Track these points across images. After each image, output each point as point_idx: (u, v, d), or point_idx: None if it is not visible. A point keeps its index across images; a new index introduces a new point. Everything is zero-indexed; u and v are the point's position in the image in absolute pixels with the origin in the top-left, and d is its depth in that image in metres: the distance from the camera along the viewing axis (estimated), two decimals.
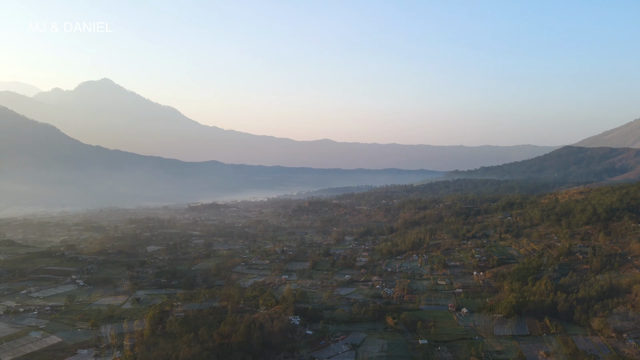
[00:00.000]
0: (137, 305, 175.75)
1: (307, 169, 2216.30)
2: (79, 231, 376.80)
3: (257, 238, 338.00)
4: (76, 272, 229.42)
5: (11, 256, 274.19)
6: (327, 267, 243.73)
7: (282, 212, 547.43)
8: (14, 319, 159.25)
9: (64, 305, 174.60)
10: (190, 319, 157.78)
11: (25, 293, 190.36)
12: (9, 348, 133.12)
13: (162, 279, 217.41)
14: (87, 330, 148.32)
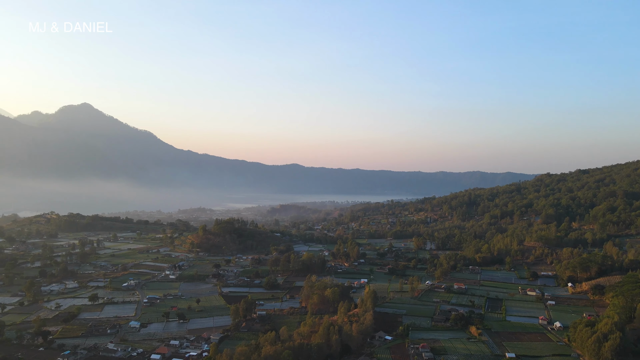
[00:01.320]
0: (222, 302, 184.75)
1: (386, 172, 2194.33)
2: (171, 230, 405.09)
3: (336, 240, 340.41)
4: (169, 268, 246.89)
5: (116, 252, 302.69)
6: (408, 272, 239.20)
7: (361, 216, 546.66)
8: (115, 309, 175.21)
9: (159, 298, 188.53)
10: (272, 317, 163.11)
11: (126, 285, 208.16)
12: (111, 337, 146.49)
13: (246, 278, 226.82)
14: (178, 323, 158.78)
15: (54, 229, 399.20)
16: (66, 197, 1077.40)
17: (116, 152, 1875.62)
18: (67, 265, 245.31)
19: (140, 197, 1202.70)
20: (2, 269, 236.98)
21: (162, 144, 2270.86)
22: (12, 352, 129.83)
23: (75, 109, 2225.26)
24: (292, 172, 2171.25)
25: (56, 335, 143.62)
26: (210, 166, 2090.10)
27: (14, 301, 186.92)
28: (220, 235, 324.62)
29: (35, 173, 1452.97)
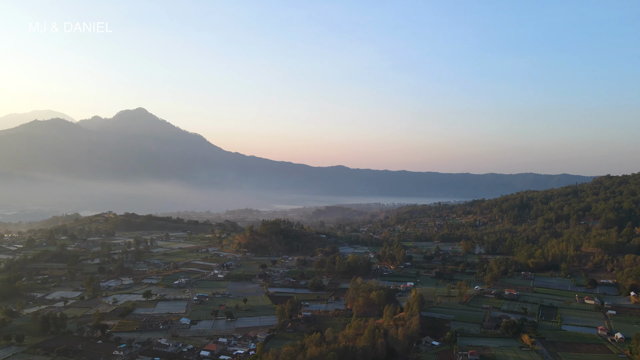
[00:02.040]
0: (269, 302, 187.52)
1: (433, 174, 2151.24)
2: (220, 231, 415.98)
3: (382, 243, 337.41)
4: (218, 267, 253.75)
5: (168, 250, 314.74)
6: (456, 276, 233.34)
7: (407, 218, 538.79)
8: (167, 305, 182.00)
9: (208, 296, 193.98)
10: (317, 318, 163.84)
11: (177, 283, 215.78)
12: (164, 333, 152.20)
13: (292, 279, 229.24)
14: (226, 321, 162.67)
15: (111, 227, 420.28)
16: (123, 198, 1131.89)
17: (168, 154, 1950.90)
18: (123, 263, 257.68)
19: (190, 198, 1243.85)
20: (65, 265, 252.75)
21: (211, 147, 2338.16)
22: (73, 343, 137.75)
23: (131, 114, 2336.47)
24: (338, 174, 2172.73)
25: (113, 329, 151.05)
26: (257, 168, 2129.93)
27: (75, 295, 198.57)
28: (267, 236, 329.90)
29: (95, 175, 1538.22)
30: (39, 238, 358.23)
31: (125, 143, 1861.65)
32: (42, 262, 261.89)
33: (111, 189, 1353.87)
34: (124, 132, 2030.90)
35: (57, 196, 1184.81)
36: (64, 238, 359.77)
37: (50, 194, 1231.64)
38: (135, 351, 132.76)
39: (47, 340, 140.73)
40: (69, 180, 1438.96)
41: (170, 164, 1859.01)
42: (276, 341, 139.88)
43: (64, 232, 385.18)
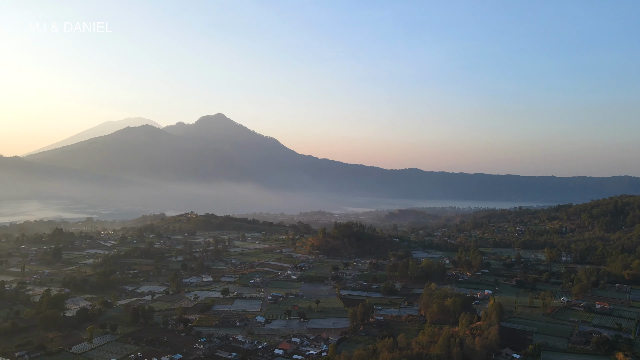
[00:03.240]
0: (340, 304, 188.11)
1: (513, 177, 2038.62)
2: (293, 232, 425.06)
3: (457, 248, 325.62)
4: (291, 268, 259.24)
5: (244, 250, 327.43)
6: (539, 286, 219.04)
7: (484, 223, 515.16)
8: (243, 303, 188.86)
9: (281, 296, 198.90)
10: (389, 323, 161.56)
11: (253, 282, 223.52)
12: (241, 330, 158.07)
13: (364, 282, 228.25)
14: (299, 321, 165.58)
15: (193, 227, 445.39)
16: (203, 199, 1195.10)
17: (245, 157, 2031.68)
18: (203, 261, 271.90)
19: (265, 200, 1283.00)
20: (152, 261, 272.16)
21: (285, 150, 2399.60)
22: (159, 335, 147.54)
23: (211, 119, 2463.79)
24: (411, 177, 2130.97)
25: (194, 323, 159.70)
26: (329, 171, 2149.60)
27: (161, 290, 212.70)
28: (339, 238, 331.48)
29: (179, 177, 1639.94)
30: (130, 236, 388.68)
31: (205, 147, 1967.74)
32: (133, 258, 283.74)
33: (193, 190, 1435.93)
34: (204, 136, 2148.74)
35: (146, 197, 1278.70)
36: (151, 236, 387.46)
37: (140, 195, 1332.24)
38: (214, 345, 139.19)
39: (136, 331, 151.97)
40: (156, 182, 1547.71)
41: (246, 166, 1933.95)
42: (348, 344, 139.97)
43: (152, 231, 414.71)
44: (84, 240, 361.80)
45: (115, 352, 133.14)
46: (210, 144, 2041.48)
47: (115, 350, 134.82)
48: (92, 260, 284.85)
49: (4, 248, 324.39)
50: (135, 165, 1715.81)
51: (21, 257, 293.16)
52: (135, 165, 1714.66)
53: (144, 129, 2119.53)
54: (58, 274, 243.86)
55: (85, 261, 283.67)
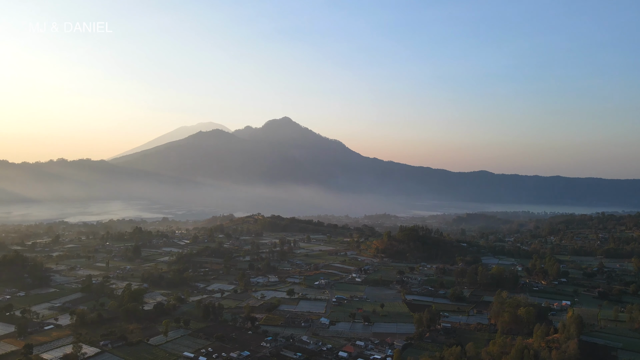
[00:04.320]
0: (406, 309, 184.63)
1: (595, 179, 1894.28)
2: (357, 235, 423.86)
3: (531, 255, 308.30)
4: (355, 271, 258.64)
5: (309, 252, 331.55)
6: (625, 299, 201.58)
7: (562, 229, 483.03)
8: (308, 304, 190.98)
9: (346, 298, 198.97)
10: (457, 331, 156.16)
11: (318, 284, 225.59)
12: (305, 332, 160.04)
13: (430, 287, 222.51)
14: (363, 324, 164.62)
15: (259, 228, 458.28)
16: (270, 201, 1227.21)
17: (310, 160, 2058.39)
18: (269, 261, 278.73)
19: (329, 202, 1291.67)
20: (222, 260, 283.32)
21: (350, 152, 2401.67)
22: (228, 331, 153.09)
23: (277, 123, 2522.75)
24: (480, 180, 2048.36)
25: (261, 321, 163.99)
26: (395, 173, 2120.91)
27: (230, 288, 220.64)
28: (404, 242, 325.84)
29: (247, 180, 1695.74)
30: (202, 235, 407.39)
31: (272, 150, 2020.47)
32: (204, 257, 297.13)
33: (260, 192, 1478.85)
34: (271, 140, 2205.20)
35: (216, 198, 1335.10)
36: (221, 236, 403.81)
37: (211, 196, 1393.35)
38: (280, 345, 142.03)
39: (207, 326, 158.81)
40: (226, 185, 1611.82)
41: (311, 169, 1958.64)
42: (413, 350, 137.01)
43: (221, 231, 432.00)
44: (161, 239, 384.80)
45: (188, 346, 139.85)
46: (276, 147, 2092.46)
47: (188, 344, 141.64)
48: (167, 257, 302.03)
49: (91, 244, 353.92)
50: (207, 168, 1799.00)
51: (106, 253, 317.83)
52: (206, 168, 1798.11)
53: (214, 133, 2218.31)
54: (138, 269, 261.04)
55: (161, 258, 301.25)
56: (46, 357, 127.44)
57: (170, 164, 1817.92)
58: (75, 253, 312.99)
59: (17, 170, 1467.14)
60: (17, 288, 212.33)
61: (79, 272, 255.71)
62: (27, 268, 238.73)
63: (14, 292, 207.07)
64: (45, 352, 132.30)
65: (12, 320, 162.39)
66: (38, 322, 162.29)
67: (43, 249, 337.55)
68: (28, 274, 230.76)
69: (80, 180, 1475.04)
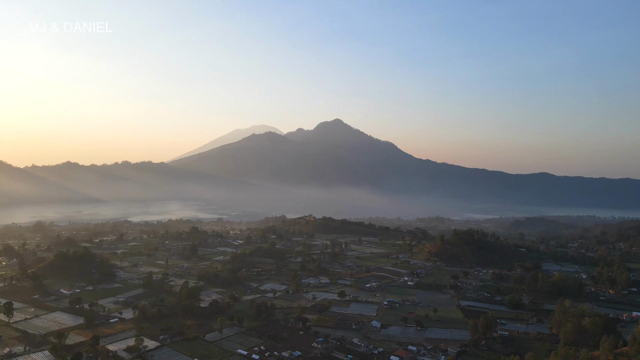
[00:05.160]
0: (460, 315, 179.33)
1: None
2: (410, 238, 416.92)
3: (597, 262, 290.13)
4: (407, 275, 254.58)
5: (360, 254, 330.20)
6: None
7: (633, 235, 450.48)
8: (359, 307, 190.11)
9: (397, 302, 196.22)
10: (515, 339, 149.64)
11: (369, 287, 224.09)
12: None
13: (485, 293, 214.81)
14: (416, 329, 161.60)
15: (311, 229, 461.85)
16: (321, 202, 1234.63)
17: (361, 162, 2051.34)
18: (321, 263, 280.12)
19: (381, 204, 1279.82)
20: (274, 260, 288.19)
21: (402, 154, 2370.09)
22: (280, 331, 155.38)
23: (329, 125, 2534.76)
24: (541, 182, 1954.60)
25: (312, 322, 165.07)
26: (448, 175, 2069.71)
27: (282, 288, 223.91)
28: (458, 245, 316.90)
29: (298, 181, 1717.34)
30: (255, 236, 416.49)
31: (323, 152, 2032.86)
32: (257, 257, 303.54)
33: (312, 194, 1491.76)
34: (322, 142, 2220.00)
35: (268, 200, 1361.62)
36: (273, 237, 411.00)
37: (264, 197, 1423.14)
38: (331, 346, 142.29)
39: (260, 325, 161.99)
40: (278, 186, 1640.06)
41: (363, 171, 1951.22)
42: (468, 357, 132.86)
43: (274, 232, 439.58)
44: (216, 239, 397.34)
45: (241, 344, 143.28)
46: (328, 149, 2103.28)
47: (241, 342, 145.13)
48: (222, 257, 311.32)
49: (152, 243, 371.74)
50: (260, 170, 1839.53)
51: (165, 251, 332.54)
52: (259, 170, 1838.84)
53: (267, 136, 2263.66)
54: (194, 268, 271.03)
55: (216, 257, 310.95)
56: (111, 348, 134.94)
57: (224, 166, 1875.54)
58: (138, 251, 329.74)
59: (87, 172, 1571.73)
60: (85, 282, 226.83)
61: (140, 268, 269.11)
62: (94, 264, 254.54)
63: (82, 286, 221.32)
64: (110, 343, 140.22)
65: (81, 312, 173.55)
66: (104, 315, 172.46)
67: (109, 246, 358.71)
68: (96, 270, 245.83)
69: (142, 181, 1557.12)
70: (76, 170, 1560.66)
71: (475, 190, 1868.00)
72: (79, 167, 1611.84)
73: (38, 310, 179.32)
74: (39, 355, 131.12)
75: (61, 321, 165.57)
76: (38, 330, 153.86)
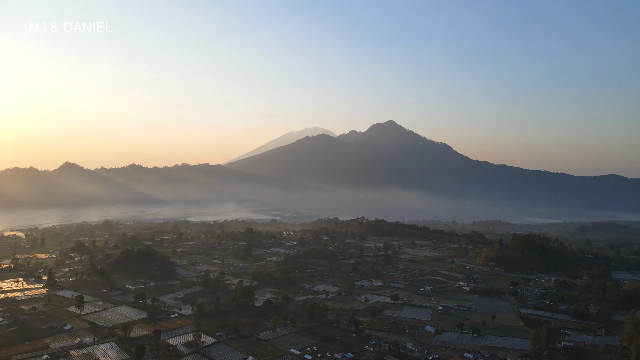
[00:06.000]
0: (520, 323, 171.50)
1: None
2: (466, 242, 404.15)
3: None
4: (463, 279, 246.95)
5: (414, 257, 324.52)
6: None
7: None
8: (413, 311, 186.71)
9: (453, 307, 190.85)
10: (580, 351, 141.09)
11: (423, 291, 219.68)
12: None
13: (548, 301, 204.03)
14: (472, 336, 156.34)
15: (363, 232, 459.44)
16: (373, 205, 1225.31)
17: (415, 164, 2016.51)
18: (373, 265, 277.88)
19: (435, 207, 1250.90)
20: (326, 262, 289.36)
21: (457, 155, 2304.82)
22: (333, 332, 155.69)
23: (382, 126, 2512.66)
24: (610, 184, 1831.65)
25: (364, 325, 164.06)
26: (506, 177, 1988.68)
27: (334, 290, 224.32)
28: (518, 251, 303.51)
29: (351, 183, 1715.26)
30: (307, 237, 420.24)
31: (376, 154, 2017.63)
32: (309, 258, 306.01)
33: (364, 196, 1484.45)
34: (375, 143, 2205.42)
35: (321, 201, 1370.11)
36: (326, 238, 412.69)
37: (316, 199, 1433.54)
38: (383, 350, 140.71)
39: (312, 326, 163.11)
40: (331, 188, 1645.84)
41: (416, 173, 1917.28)
42: None
43: (326, 234, 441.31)
44: (269, 239, 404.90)
45: (294, 343, 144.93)
46: (381, 150, 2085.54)
47: (294, 342, 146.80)
48: (275, 257, 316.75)
49: (209, 243, 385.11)
50: (313, 172, 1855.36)
51: (222, 251, 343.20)
52: (312, 172, 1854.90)
53: (320, 138, 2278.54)
54: (249, 267, 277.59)
55: (270, 258, 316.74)
56: (172, 342, 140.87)
57: (278, 168, 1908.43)
58: (196, 250, 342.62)
59: (149, 174, 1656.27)
60: (148, 279, 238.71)
61: (198, 267, 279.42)
62: (156, 261, 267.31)
63: (145, 282, 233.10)
64: (170, 338, 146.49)
65: (144, 307, 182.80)
66: (165, 311, 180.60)
67: (169, 244, 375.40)
68: (157, 267, 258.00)
69: (200, 183, 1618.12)
70: (140, 172, 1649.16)
71: (536, 193, 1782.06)
72: (142, 169, 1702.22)
73: (106, 303, 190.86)
74: (107, 346, 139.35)
75: (126, 315, 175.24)
76: (106, 322, 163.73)
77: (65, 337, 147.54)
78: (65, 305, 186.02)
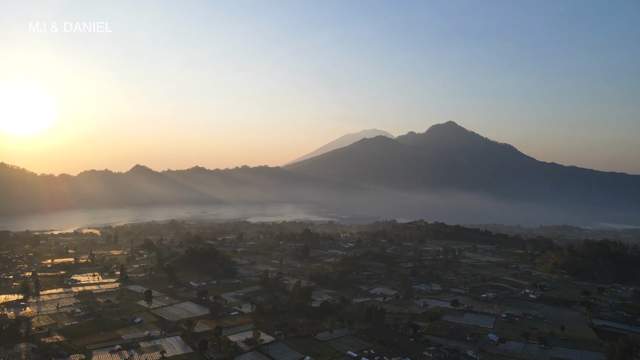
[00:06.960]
0: (593, 335, 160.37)
1: None
2: (532, 247, 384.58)
3: None
4: (529, 287, 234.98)
5: (475, 262, 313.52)
6: None
7: None
8: (474, 317, 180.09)
9: (517, 315, 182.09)
10: None
11: (485, 297, 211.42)
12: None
13: (625, 313, 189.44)
14: (539, 346, 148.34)
15: (422, 235, 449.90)
16: (433, 207, 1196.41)
17: (476, 165, 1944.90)
18: (432, 269, 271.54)
19: (498, 211, 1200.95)
20: (384, 265, 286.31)
21: (522, 157, 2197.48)
22: (390, 336, 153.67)
23: (441, 127, 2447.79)
24: None
25: (423, 330, 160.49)
26: (577, 180, 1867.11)
27: (391, 293, 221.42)
28: (591, 258, 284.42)
29: (409, 186, 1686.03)
30: (365, 239, 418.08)
31: (435, 156, 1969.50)
32: (367, 261, 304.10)
33: (423, 198, 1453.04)
34: (434, 145, 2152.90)
35: (379, 204, 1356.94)
36: (383, 241, 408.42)
37: (374, 201, 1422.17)
38: (443, 356, 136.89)
39: (369, 329, 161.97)
40: (389, 190, 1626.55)
41: (478, 175, 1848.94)
42: None
43: (384, 236, 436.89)
44: (327, 241, 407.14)
45: (351, 345, 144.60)
46: (440, 152, 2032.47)
47: (351, 344, 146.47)
48: (332, 259, 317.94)
49: (268, 243, 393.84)
50: (370, 174, 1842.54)
51: (280, 251, 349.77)
52: (370, 174, 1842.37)
53: (378, 140, 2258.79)
54: (306, 268, 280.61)
55: (327, 259, 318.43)
56: (232, 339, 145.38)
57: (336, 170, 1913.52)
58: (255, 250, 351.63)
59: (212, 176, 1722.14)
60: (210, 277, 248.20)
61: (257, 267, 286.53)
62: (218, 260, 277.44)
63: (208, 279, 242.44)
64: (231, 334, 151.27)
65: (207, 303, 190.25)
66: (226, 308, 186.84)
67: (230, 244, 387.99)
68: (219, 265, 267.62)
69: (259, 184, 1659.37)
70: (203, 174, 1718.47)
71: (611, 197, 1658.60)
72: (205, 171, 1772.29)
73: (172, 299, 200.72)
74: (172, 339, 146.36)
75: (190, 310, 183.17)
76: (171, 317, 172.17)
77: (135, 329, 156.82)
78: (136, 299, 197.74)
